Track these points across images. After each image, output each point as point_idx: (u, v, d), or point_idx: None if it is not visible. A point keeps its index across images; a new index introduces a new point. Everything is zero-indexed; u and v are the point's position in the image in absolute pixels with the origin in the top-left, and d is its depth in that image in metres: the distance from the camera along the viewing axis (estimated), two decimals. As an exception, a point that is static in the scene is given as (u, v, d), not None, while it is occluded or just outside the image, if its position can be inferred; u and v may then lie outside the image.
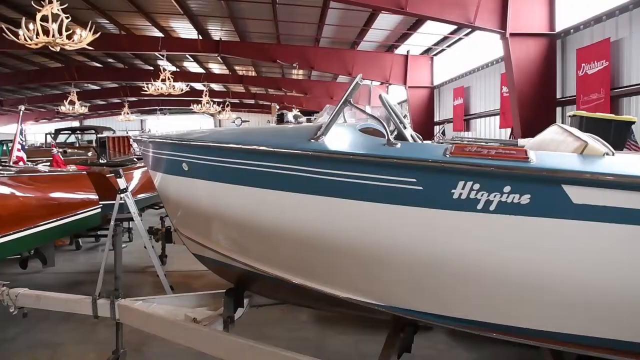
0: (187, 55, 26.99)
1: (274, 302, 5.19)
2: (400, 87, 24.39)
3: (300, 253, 3.46)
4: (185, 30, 21.95)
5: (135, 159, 12.46)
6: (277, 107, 34.10)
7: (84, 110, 32.84)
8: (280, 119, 12.03)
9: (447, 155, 2.73)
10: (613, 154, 2.78)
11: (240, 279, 4.60)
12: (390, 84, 23.93)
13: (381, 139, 3.01)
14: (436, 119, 23.28)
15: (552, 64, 12.91)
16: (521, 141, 5.12)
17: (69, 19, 12.03)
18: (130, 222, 9.50)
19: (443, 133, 20.82)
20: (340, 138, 3.12)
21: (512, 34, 12.67)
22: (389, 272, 3.06)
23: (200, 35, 22.08)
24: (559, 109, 12.97)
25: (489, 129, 17.89)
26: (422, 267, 2.92)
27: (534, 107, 12.48)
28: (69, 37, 12.23)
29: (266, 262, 3.79)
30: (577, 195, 2.56)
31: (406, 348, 4.05)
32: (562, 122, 10.47)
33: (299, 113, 15.09)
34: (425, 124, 22.54)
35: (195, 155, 3.88)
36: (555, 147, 3.15)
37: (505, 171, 2.62)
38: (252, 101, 44.76)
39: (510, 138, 13.54)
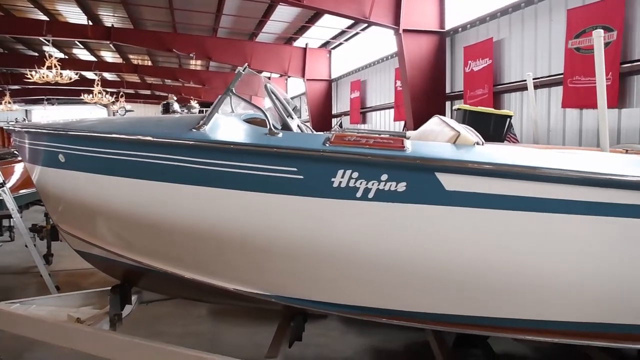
0: (76, 42, 25.44)
1: (165, 297, 5.05)
2: (299, 80, 24.53)
3: (186, 245, 3.37)
4: (73, 14, 20.63)
5: (16, 152, 11.61)
6: (175, 98, 33.10)
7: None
8: (166, 109, 11.63)
9: (327, 145, 2.78)
10: (483, 144, 2.95)
11: (126, 275, 4.41)
12: (289, 77, 24.01)
13: (263, 129, 3.00)
14: (334, 111, 23.66)
15: (442, 60, 13.54)
16: (409, 133, 5.32)
17: None
18: (11, 220, 8.84)
19: (340, 125, 21.19)
20: (223, 128, 3.07)
21: (405, 30, 13.13)
22: (274, 261, 3.07)
23: (90, 21, 20.87)
24: (448, 103, 13.66)
25: (384, 122, 18.47)
26: (305, 255, 2.95)
27: (425, 100, 13.04)
28: None
29: (152, 256, 3.66)
30: (449, 182, 2.71)
31: (297, 337, 4.08)
32: (451, 116, 11.02)
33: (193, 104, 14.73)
34: (323, 117, 22.85)
35: (71, 145, 3.66)
36: (434, 138, 3.30)
37: (381, 159, 2.71)
38: (148, 92, 43.12)
39: (403, 130, 14.06)
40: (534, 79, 7.86)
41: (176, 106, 11.52)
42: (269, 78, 30.85)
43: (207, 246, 3.23)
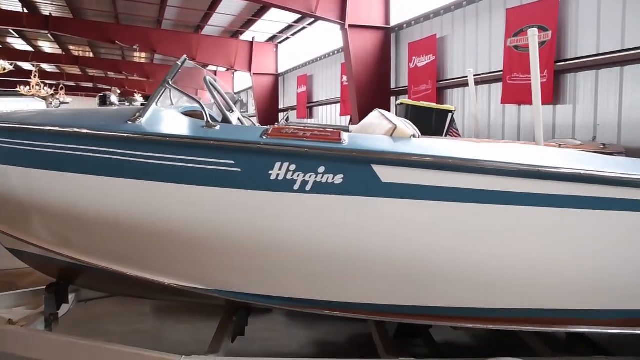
0: (11, 30, 24.31)
1: (104, 295, 4.92)
2: (246, 74, 24.33)
3: (123, 241, 3.29)
4: (6, 1, 19.71)
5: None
6: (118, 91, 32.21)
7: None
8: (103, 102, 11.23)
9: (264, 137, 2.77)
10: (419, 136, 3.01)
11: (62, 273, 4.27)
12: (235, 71, 23.77)
13: (201, 121, 2.97)
14: (281, 106, 23.61)
15: (387, 56, 13.72)
16: (352, 127, 5.37)
17: None
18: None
19: (287, 120, 21.18)
20: (160, 120, 3.01)
21: (351, 26, 13.23)
22: (213, 255, 3.04)
23: (25, 9, 19.99)
24: (393, 98, 13.85)
25: (331, 116, 18.57)
26: (244, 249, 2.94)
27: (370, 96, 13.18)
28: None
29: (89, 252, 3.55)
30: (385, 174, 2.75)
31: (240, 331, 4.06)
32: (396, 112, 11.20)
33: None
34: (270, 111, 22.77)
35: (2, 139, 3.50)
36: (373, 131, 3.35)
37: (318, 152, 2.73)
38: (90, 84, 41.75)
39: (349, 125, 14.17)
40: (475, 75, 8.09)
41: (114, 98, 11.12)
42: (215, 72, 30.50)
43: (145, 241, 3.17)
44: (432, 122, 7.46)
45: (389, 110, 11.79)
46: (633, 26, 7.84)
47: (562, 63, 9.02)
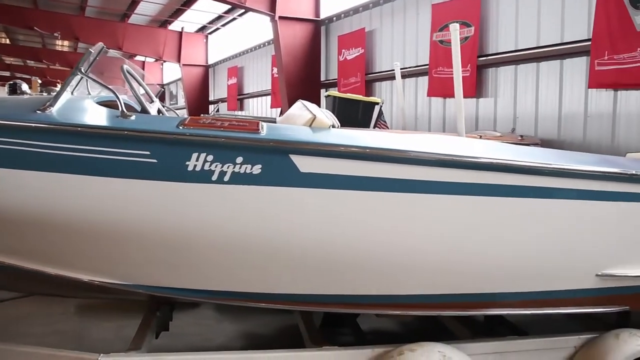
0: None
1: (19, 295, 4.68)
2: (175, 65, 23.78)
3: (35, 236, 3.13)
4: None
5: None
6: (39, 81, 30.59)
7: None
8: (13, 90, 10.59)
9: (181, 128, 2.71)
10: (338, 127, 3.03)
11: (-32, 272, 4.02)
12: (164, 61, 23.20)
13: (116, 111, 2.86)
14: (211, 98, 23.28)
15: (317, 49, 13.79)
16: (278, 118, 5.35)
17: None
18: None
19: (217, 111, 20.93)
20: (72, 110, 2.88)
21: (280, 17, 13.19)
22: (131, 249, 2.95)
23: None
24: (323, 91, 13.94)
25: (262, 109, 18.49)
26: (162, 242, 2.86)
27: (301, 88, 13.21)
28: None
29: None
30: (304, 164, 2.76)
31: (164, 327, 3.98)
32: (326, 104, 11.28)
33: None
34: (200, 103, 22.40)
35: None
36: (294, 121, 3.34)
37: (236, 142, 2.69)
38: (7, 73, 39.47)
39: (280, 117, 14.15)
40: (402, 68, 8.26)
41: (25, 87, 10.50)
42: (143, 63, 29.59)
43: (58, 236, 3.02)
44: (359, 114, 7.56)
45: (318, 102, 11.90)
46: (547, 24, 8.25)
47: (484, 58, 9.36)
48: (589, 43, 7.42)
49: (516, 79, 8.92)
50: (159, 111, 3.85)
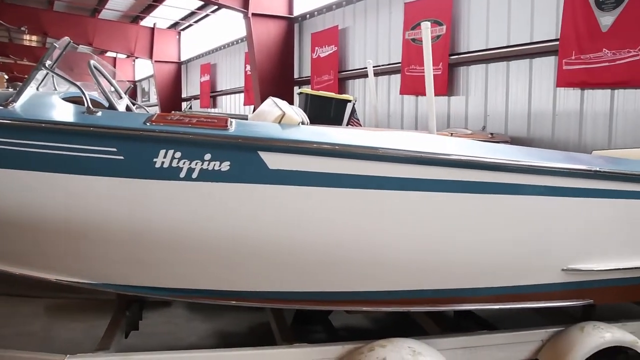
0: None
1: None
2: (147, 62, 23.49)
3: None
4: None
5: None
6: (6, 77, 29.87)
7: None
8: None
9: (148, 124, 2.67)
10: (307, 124, 3.02)
11: None
12: (136, 58, 22.88)
13: (82, 107, 2.81)
14: (184, 95, 23.07)
15: (290, 46, 13.76)
16: (250, 116, 5.33)
17: None
18: None
19: (190, 108, 20.75)
20: (36, 105, 2.82)
21: (254, 14, 13.13)
22: (98, 247, 2.90)
23: None
24: (296, 88, 13.92)
25: (235, 106, 18.40)
26: (130, 240, 2.82)
27: (274, 85, 13.18)
28: None
29: None
30: (273, 161, 2.74)
31: (134, 326, 3.93)
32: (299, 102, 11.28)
33: None
34: (173, 100, 22.19)
35: None
36: (264, 118, 3.33)
37: (204, 138, 2.67)
38: (-29, 69, 38.52)
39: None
40: (375, 66, 8.29)
41: (-11, 83, 10.29)
42: (115, 59, 29.14)
43: (23, 235, 2.96)
44: (331, 112, 7.59)
45: (291, 100, 11.87)
46: (517, 24, 8.38)
47: (456, 56, 9.46)
48: (557, 43, 7.56)
49: (487, 78, 9.04)
50: (128, 108, 3.80)
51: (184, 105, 22.56)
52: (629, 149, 5.60)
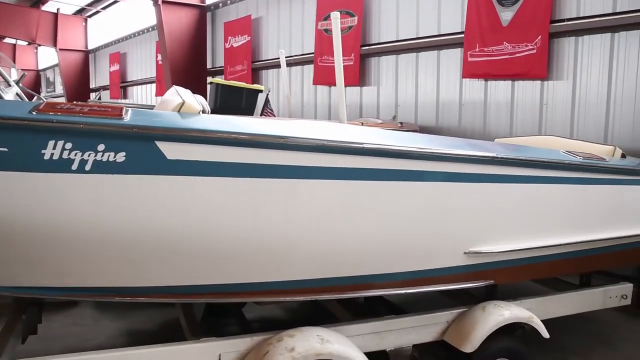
0: None
1: None
2: (52, 50, 22.19)
3: None
4: None
5: None
6: None
7: None
8: None
9: (34, 113, 2.50)
10: (208, 112, 2.94)
11: None
12: (38, 45, 21.55)
13: (-42, 95, 2.60)
14: (92, 85, 22.02)
15: (203, 35, 13.46)
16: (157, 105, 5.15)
17: None
18: None
19: (99, 99, 19.86)
20: None
21: (164, 2, 12.72)
22: (-18, 247, 2.69)
23: None
24: (209, 78, 13.65)
25: (147, 97, 17.80)
26: (20, 237, 2.64)
27: (186, 75, 12.86)
28: None
29: None
30: (171, 151, 2.65)
31: (32, 330, 3.69)
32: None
33: None
34: (80, 91, 21.12)
35: None
36: (166, 107, 3.21)
37: (95, 128, 2.53)
38: None
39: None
40: (288, 57, 8.27)
41: None
42: (14, 45, 27.28)
43: None
44: (243, 102, 7.49)
45: (204, 90, 11.62)
46: (426, 17, 8.62)
47: (367, 47, 9.61)
48: (463, 36, 7.86)
49: (397, 68, 9.26)
50: (20, 97, 3.55)
51: (92, 96, 21.52)
52: (528, 136, 5.94)
